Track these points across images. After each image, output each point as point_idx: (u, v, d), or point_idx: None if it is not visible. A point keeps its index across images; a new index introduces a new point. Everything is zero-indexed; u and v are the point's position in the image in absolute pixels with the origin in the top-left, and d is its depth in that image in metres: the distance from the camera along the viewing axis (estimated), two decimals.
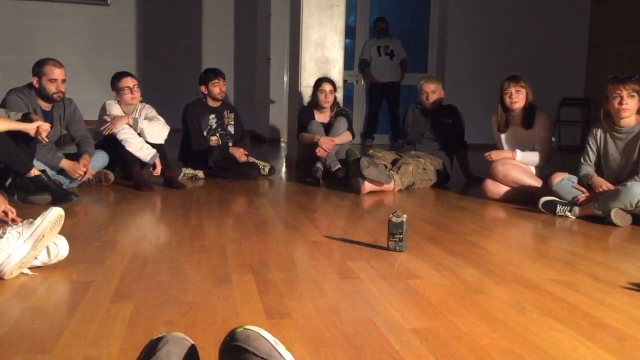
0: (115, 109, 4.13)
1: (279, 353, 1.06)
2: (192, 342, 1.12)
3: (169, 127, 4.20)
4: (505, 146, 4.00)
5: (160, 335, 1.10)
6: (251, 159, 4.76)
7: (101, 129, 3.94)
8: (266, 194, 4.13)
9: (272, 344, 1.07)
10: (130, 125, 4.00)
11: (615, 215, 3.06)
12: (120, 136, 3.95)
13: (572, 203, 3.33)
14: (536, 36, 8.39)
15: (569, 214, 3.29)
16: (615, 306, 1.80)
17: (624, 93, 3.18)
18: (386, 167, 4.23)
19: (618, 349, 1.47)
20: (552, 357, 1.41)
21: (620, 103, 3.20)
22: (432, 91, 4.64)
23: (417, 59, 8.81)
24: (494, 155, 3.89)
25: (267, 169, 4.80)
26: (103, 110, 4.15)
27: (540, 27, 8.42)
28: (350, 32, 8.24)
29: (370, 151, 4.48)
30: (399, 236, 2.37)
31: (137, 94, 4.17)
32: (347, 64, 7.06)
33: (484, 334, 1.55)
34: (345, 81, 6.45)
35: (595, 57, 8.56)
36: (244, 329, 1.10)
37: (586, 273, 2.17)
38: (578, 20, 8.62)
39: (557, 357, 1.41)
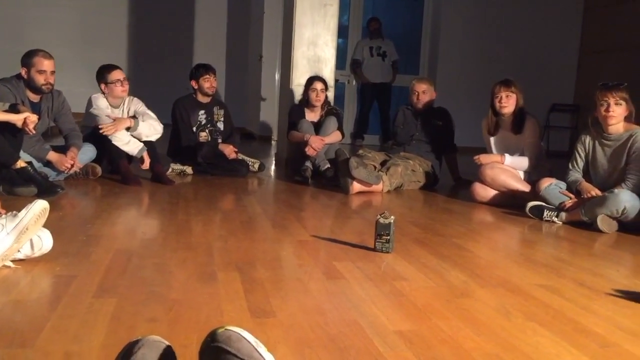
0: (102, 103, 4.10)
1: (260, 354, 1.06)
2: (168, 344, 1.11)
3: (162, 126, 4.18)
4: (494, 150, 4.02)
5: (136, 339, 1.10)
6: (240, 156, 4.74)
7: (100, 130, 3.87)
8: (254, 191, 4.11)
9: (253, 345, 1.07)
10: (129, 128, 3.95)
11: (602, 221, 3.08)
12: None
13: (559, 208, 3.34)
14: (528, 41, 8.43)
15: (556, 219, 3.30)
16: (599, 313, 1.81)
17: (611, 100, 3.20)
18: (375, 167, 4.23)
19: (601, 356, 1.48)
20: None
21: (607, 110, 3.22)
22: (423, 91, 4.64)
23: (409, 61, 8.82)
24: (483, 158, 3.90)
25: (256, 166, 4.78)
26: (89, 104, 4.11)
27: (532, 33, 8.46)
28: (343, 31, 8.23)
29: (360, 151, 4.48)
30: (386, 237, 2.37)
31: (127, 87, 4.16)
32: (339, 64, 7.05)
33: (468, 337, 1.55)
34: (336, 80, 6.43)
35: (586, 64, 8.62)
36: (225, 329, 1.09)
37: (571, 279, 2.18)
38: (570, 27, 8.68)
39: None
